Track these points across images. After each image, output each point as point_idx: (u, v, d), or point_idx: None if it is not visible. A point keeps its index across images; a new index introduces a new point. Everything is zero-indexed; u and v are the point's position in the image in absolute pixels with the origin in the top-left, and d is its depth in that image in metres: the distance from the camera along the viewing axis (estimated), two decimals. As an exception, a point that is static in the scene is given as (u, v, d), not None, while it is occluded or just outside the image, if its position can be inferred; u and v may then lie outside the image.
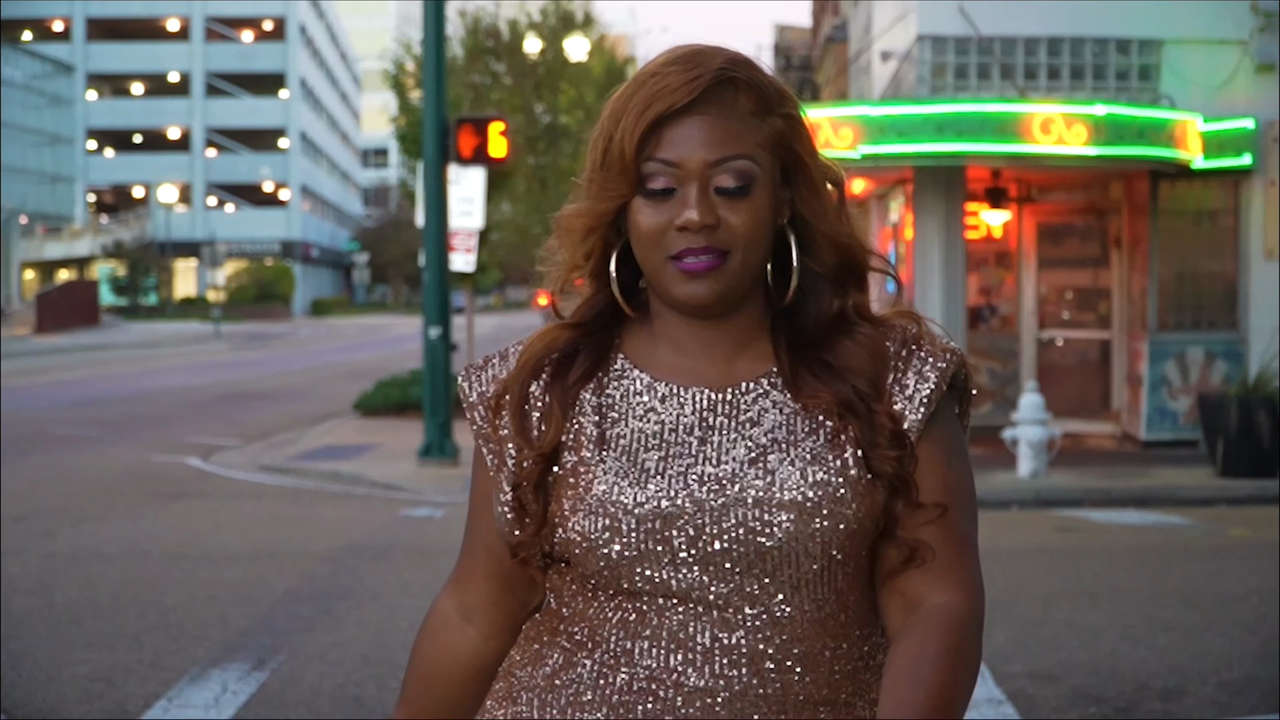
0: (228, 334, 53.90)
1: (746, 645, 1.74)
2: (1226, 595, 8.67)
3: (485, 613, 1.89)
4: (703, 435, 1.79)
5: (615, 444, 1.80)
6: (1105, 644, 7.48)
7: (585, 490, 1.77)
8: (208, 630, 7.88)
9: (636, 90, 1.79)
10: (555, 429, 1.82)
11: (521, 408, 1.85)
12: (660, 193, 1.77)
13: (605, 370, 1.86)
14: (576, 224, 1.84)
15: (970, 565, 1.82)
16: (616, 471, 1.77)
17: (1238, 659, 7.17)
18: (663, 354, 1.86)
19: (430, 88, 15.57)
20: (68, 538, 10.96)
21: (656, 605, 1.76)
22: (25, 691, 6.71)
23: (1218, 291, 15.95)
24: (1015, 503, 12.54)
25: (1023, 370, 16.54)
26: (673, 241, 1.76)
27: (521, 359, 1.87)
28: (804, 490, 1.74)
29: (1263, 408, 13.39)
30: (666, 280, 1.78)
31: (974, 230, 16.54)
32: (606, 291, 1.86)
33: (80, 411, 22.22)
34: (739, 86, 1.78)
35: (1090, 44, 15.79)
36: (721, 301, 1.79)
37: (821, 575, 1.75)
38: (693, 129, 1.76)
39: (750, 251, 1.77)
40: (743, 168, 1.76)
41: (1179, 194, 15.81)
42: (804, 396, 1.80)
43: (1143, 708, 6.44)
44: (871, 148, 14.38)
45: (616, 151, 1.78)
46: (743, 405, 1.81)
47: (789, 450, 1.77)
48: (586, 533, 1.76)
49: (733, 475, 1.76)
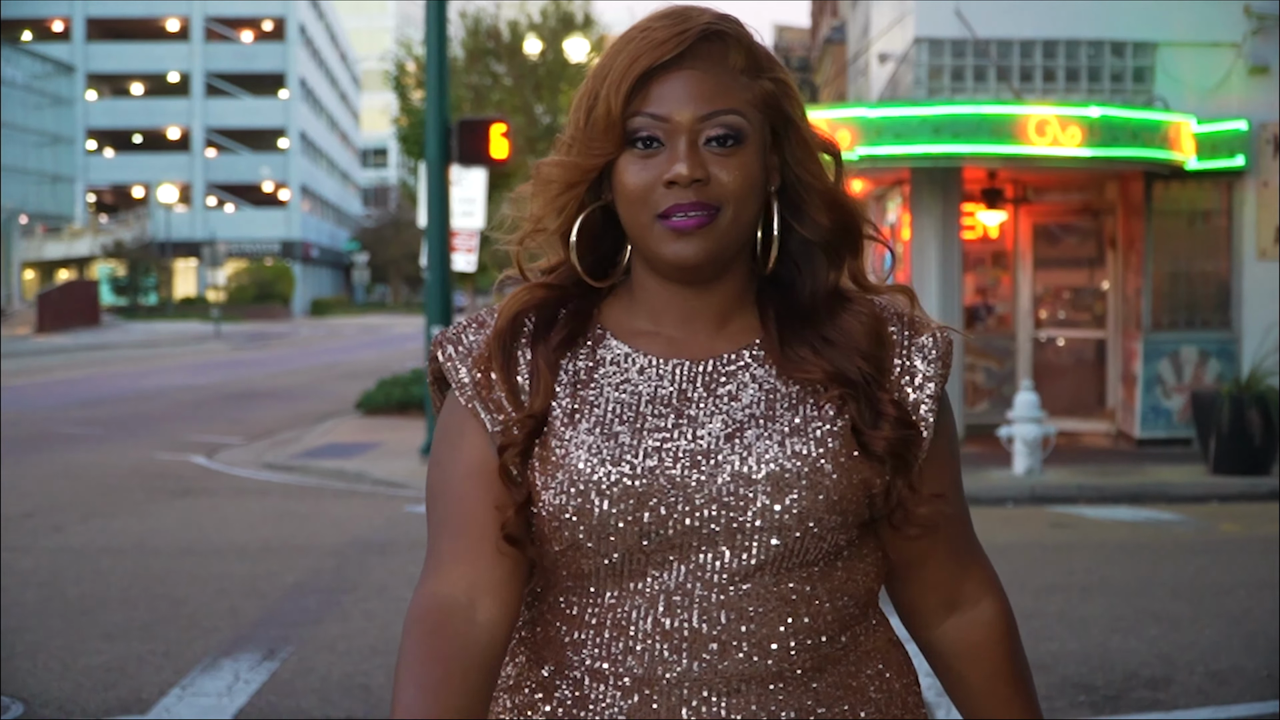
0: (228, 334, 54.05)
1: (710, 620, 1.69)
2: (1215, 588, 8.85)
3: (497, 593, 1.72)
4: (679, 408, 1.73)
5: (589, 416, 1.72)
6: (1095, 635, 7.66)
7: (556, 465, 1.70)
8: (218, 622, 8.05)
9: (623, 47, 1.72)
10: (545, 390, 1.74)
11: (509, 369, 1.76)
12: (647, 146, 1.70)
13: (583, 337, 1.79)
14: (556, 174, 1.76)
15: (985, 555, 1.89)
16: (589, 447, 1.70)
17: (1224, 649, 7.35)
18: (642, 323, 1.79)
19: (433, 90, 15.74)
20: (77, 533, 11.13)
21: (628, 577, 1.70)
22: (42, 681, 6.88)
23: (1211, 291, 16.12)
24: (1010, 499, 12.71)
25: (1019, 369, 16.72)
26: (661, 198, 1.69)
27: (502, 316, 1.79)
28: (781, 461, 1.68)
29: (1254, 406, 13.55)
30: (653, 240, 1.71)
31: (970, 231, 16.72)
32: (586, 259, 1.79)
33: (84, 410, 22.38)
34: (728, 43, 1.72)
35: (1085, 46, 15.95)
36: (711, 262, 1.72)
37: (794, 549, 1.69)
38: (681, 83, 1.69)
39: (741, 209, 1.70)
40: (733, 122, 1.69)
41: (1173, 195, 15.98)
42: (792, 369, 1.74)
43: (1130, 696, 6.61)
44: (869, 149, 14.53)
45: (602, 109, 1.71)
46: (722, 378, 1.75)
47: (767, 425, 1.71)
48: (557, 510, 1.69)
49: (708, 450, 1.69)
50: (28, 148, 66.82)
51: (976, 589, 1.86)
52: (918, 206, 15.70)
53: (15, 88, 65.20)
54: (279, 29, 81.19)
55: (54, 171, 72.01)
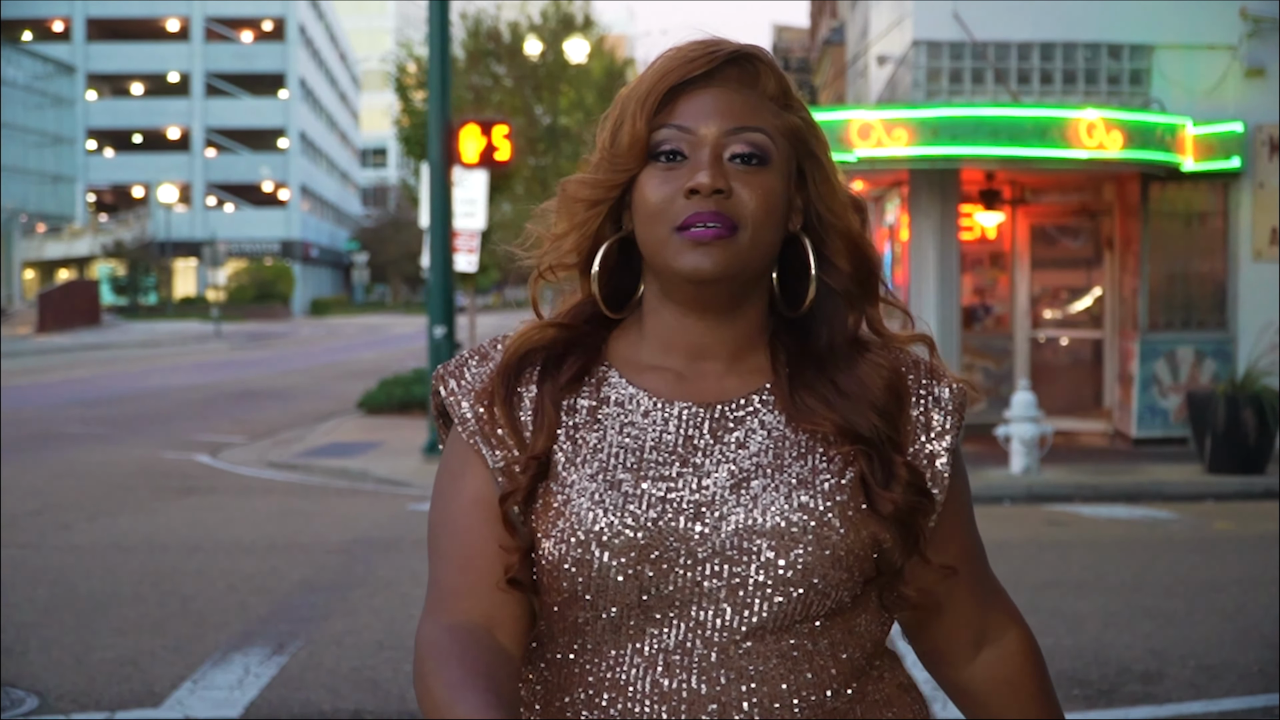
0: (228, 333, 54.18)
1: (710, 681, 1.63)
2: (1208, 585, 8.99)
3: (508, 628, 1.67)
4: (684, 455, 1.67)
5: (592, 460, 1.67)
6: (1090, 630, 7.80)
7: (557, 513, 1.65)
8: (227, 617, 8.19)
9: (653, 68, 1.70)
10: (549, 430, 1.69)
11: (512, 405, 1.72)
12: (670, 159, 1.66)
13: (588, 375, 1.74)
14: (582, 193, 1.72)
15: (1002, 586, 1.87)
16: (591, 494, 1.64)
17: (1216, 644, 7.49)
18: (650, 356, 1.74)
19: (435, 92, 15.87)
20: (85, 531, 11.27)
21: (627, 634, 1.65)
22: (56, 675, 7.00)
23: (1207, 292, 16.25)
24: (1008, 498, 12.85)
25: (1016, 369, 16.86)
26: (680, 209, 1.64)
27: (509, 353, 1.74)
28: (788, 515, 1.62)
29: (1249, 406, 13.69)
30: (670, 253, 1.65)
31: (968, 231, 16.86)
32: (594, 298, 1.75)
33: (88, 410, 22.52)
34: (760, 69, 1.70)
35: (1082, 49, 16.09)
36: (727, 278, 1.66)
37: (797, 606, 1.63)
38: (709, 98, 1.67)
39: (760, 231, 1.66)
40: (759, 140, 1.66)
41: (1169, 196, 16.11)
42: (802, 418, 1.68)
43: (1123, 690, 6.75)
44: (868, 151, 14.67)
45: (628, 124, 1.67)
46: (730, 424, 1.70)
47: (774, 476, 1.65)
48: (556, 560, 1.64)
49: (713, 500, 1.64)
50: (29, 148, 66.97)
51: (1001, 622, 1.84)
52: (916, 208, 15.84)
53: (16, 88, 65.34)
54: (279, 29, 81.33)
55: (55, 172, 72.15)
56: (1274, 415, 13.71)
